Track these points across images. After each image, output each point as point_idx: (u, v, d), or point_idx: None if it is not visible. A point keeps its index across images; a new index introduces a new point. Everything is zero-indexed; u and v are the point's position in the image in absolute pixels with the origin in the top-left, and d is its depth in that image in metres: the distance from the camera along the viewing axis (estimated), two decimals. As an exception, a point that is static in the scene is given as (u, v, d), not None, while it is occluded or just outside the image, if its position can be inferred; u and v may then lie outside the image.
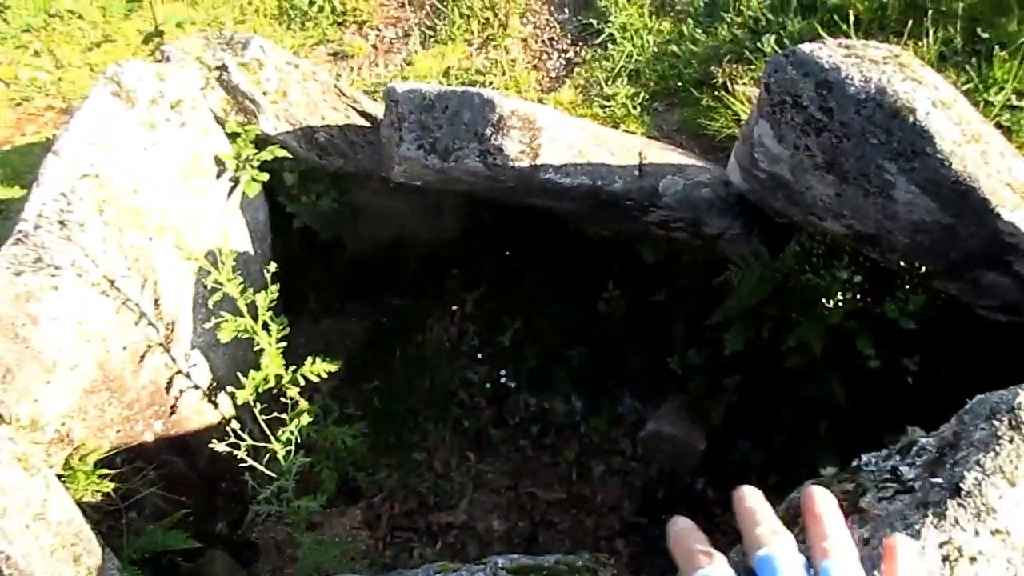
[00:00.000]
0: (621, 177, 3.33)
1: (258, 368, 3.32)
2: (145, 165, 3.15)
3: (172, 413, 3.54)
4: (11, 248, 2.83)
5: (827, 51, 2.28)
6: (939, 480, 1.23)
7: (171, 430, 3.56)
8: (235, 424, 2.72)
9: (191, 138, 3.34)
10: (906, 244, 2.61)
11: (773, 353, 3.33)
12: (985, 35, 3.54)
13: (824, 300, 2.71)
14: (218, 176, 3.54)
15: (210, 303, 3.12)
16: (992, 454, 1.21)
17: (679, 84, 4.11)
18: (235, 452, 2.54)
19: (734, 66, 3.98)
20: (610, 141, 3.37)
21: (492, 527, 3.95)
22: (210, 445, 2.62)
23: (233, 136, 3.63)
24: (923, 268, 2.48)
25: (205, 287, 3.60)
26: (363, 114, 4.17)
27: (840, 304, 2.67)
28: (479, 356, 4.43)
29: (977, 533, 1.17)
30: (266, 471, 2.81)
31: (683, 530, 0.82)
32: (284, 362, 3.41)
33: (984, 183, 2.18)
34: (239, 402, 3.30)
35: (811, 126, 2.36)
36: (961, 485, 1.20)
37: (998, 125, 3.20)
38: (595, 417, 4.13)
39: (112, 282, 3.08)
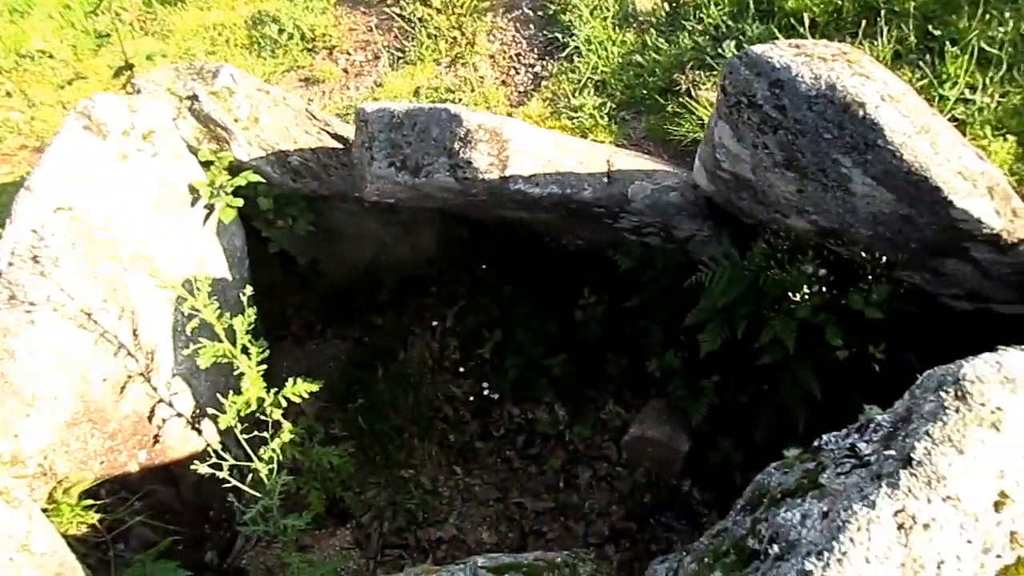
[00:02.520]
0: (590, 185, 3.39)
1: (239, 393, 3.34)
2: (119, 196, 3.17)
3: (156, 442, 3.54)
4: (-14, 285, 2.85)
5: (778, 51, 2.35)
6: (892, 452, 1.28)
7: (156, 459, 3.56)
8: (219, 450, 2.73)
9: (164, 168, 3.37)
10: (868, 236, 2.68)
11: (748, 352, 3.38)
12: (937, 32, 3.63)
13: (792, 295, 2.77)
14: (193, 204, 3.57)
15: (188, 330, 3.13)
16: (940, 424, 1.26)
17: (644, 92, 4.18)
18: (217, 473, 2.55)
19: (697, 72, 4.06)
20: (578, 150, 3.43)
21: (482, 539, 3.96)
22: (192, 467, 2.63)
23: (207, 164, 3.66)
24: (884, 258, 2.53)
25: (183, 315, 3.63)
26: (336, 136, 4.21)
27: (807, 298, 2.72)
28: (461, 370, 4.46)
29: (929, 501, 1.21)
30: (251, 492, 2.82)
31: None
32: (266, 385, 3.43)
33: (935, 172, 2.24)
34: (222, 426, 3.31)
35: (767, 124, 2.43)
36: (912, 455, 1.24)
37: (953, 119, 3.29)
38: (579, 424, 4.16)
39: (89, 315, 3.09)
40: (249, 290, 3.04)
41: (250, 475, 2.97)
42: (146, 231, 3.33)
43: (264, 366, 3.42)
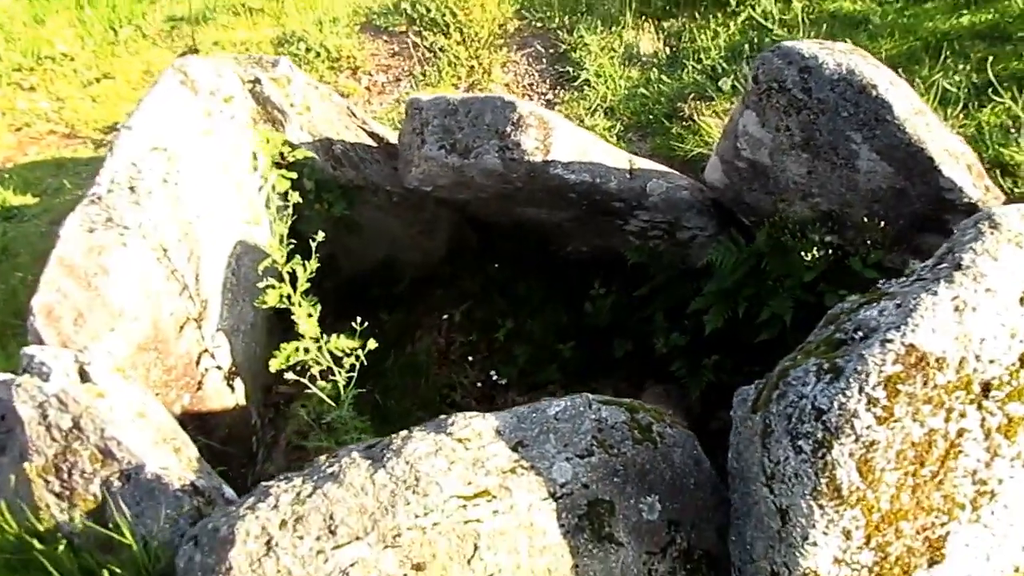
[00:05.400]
0: (616, 177, 3.86)
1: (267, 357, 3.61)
2: (199, 148, 3.50)
3: (199, 388, 3.75)
4: (85, 208, 3.12)
5: (805, 44, 2.90)
6: (944, 264, 1.73)
7: (195, 406, 3.76)
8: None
9: (236, 132, 3.72)
10: (864, 215, 3.20)
11: (746, 333, 3.83)
12: (903, 76, 4.30)
13: (802, 258, 3.23)
14: (253, 170, 3.91)
15: (259, 268, 3.43)
16: (980, 242, 1.72)
17: (651, 117, 4.74)
18: (301, 379, 2.84)
19: (698, 103, 4.64)
20: (606, 148, 3.92)
21: (490, 508, 4.22)
22: (283, 371, 2.91)
23: (264, 140, 4.01)
24: (882, 223, 3.05)
25: (233, 273, 3.92)
26: (371, 134, 4.62)
27: (816, 263, 3.21)
28: (470, 359, 4.78)
29: (975, 291, 1.66)
30: (327, 399, 3.11)
31: None
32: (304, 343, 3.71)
33: (930, 146, 2.79)
34: (272, 369, 3.57)
35: (793, 106, 2.95)
36: (961, 263, 1.69)
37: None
38: (580, 410, 4.50)
39: (165, 250, 3.37)
40: (321, 235, 3.37)
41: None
42: (214, 186, 3.64)
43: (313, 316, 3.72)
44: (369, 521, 1.80)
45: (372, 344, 3.42)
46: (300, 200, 4.39)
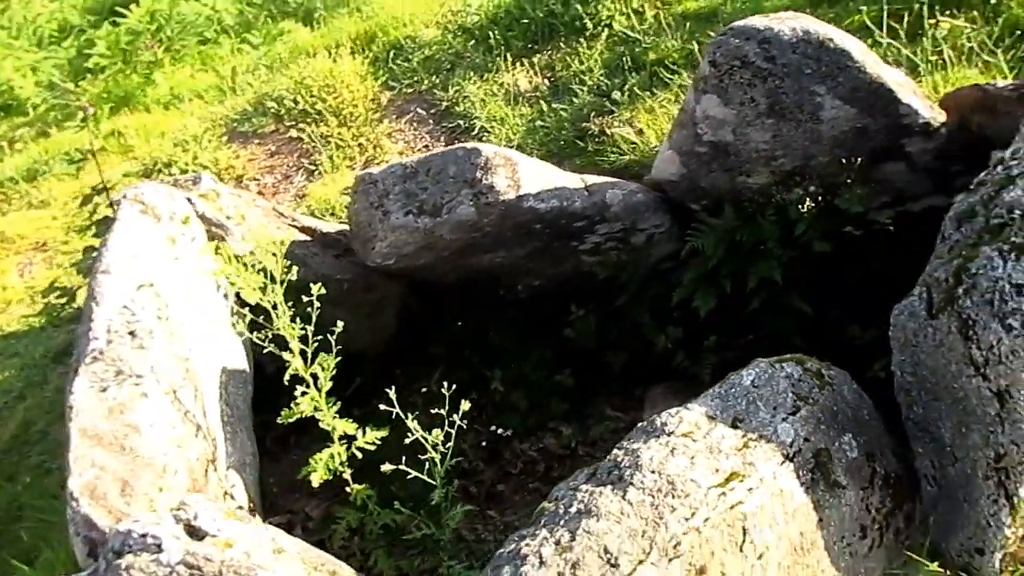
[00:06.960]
0: (578, 197, 3.97)
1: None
2: (173, 276, 3.22)
3: (230, 535, 3.39)
4: (89, 367, 2.78)
5: (756, 20, 3.18)
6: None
7: (231, 556, 3.39)
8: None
9: (197, 253, 3.46)
10: (825, 164, 3.50)
11: (735, 308, 4.04)
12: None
13: (773, 220, 3.48)
14: (217, 289, 3.64)
15: (285, 378, 3.20)
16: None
17: (561, 143, 4.91)
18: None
19: (601, 118, 4.87)
20: (559, 172, 4.03)
21: (548, 558, 4.09)
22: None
23: (216, 258, 3.75)
24: (858, 160, 3.35)
25: (227, 404, 3.61)
26: (302, 229, 4.45)
27: (809, 213, 3.46)
28: (464, 423, 4.64)
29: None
30: (426, 479, 2.95)
31: None
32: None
33: (887, 78, 3.13)
34: (315, 484, 3.34)
35: (757, 77, 3.21)
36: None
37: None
38: (588, 433, 4.51)
39: (175, 391, 3.05)
40: (340, 325, 3.21)
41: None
42: (193, 314, 3.36)
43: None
44: (645, 541, 1.73)
45: (467, 405, 3.26)
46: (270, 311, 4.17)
